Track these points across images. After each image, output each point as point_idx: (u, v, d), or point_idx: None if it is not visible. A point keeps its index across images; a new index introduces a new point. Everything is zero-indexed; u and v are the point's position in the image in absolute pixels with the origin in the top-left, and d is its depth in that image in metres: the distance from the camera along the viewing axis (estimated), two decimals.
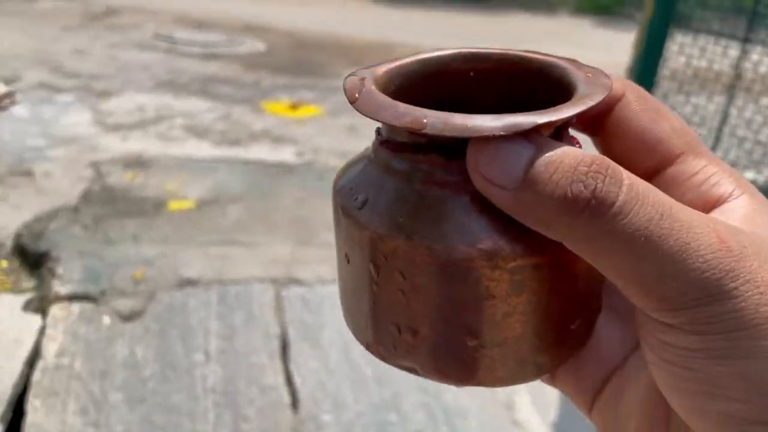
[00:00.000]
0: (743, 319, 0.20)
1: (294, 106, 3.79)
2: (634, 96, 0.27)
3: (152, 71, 4.25)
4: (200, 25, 5.79)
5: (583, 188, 0.21)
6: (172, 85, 3.96)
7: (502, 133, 0.21)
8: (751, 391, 0.20)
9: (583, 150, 0.23)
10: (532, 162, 0.22)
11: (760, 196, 0.25)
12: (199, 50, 4.93)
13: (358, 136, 3.39)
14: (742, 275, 0.20)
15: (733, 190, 0.25)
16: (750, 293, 0.20)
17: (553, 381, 0.30)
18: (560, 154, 0.22)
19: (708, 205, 0.25)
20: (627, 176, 0.21)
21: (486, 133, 0.22)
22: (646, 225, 0.20)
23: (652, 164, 0.26)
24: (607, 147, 0.27)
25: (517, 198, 0.22)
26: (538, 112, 0.22)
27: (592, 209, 0.21)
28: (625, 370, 0.28)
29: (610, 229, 0.20)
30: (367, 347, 0.27)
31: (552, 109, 0.23)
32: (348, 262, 0.26)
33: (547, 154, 0.22)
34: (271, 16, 6.52)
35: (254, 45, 5.31)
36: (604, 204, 0.20)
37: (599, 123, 0.27)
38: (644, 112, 0.26)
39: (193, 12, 6.25)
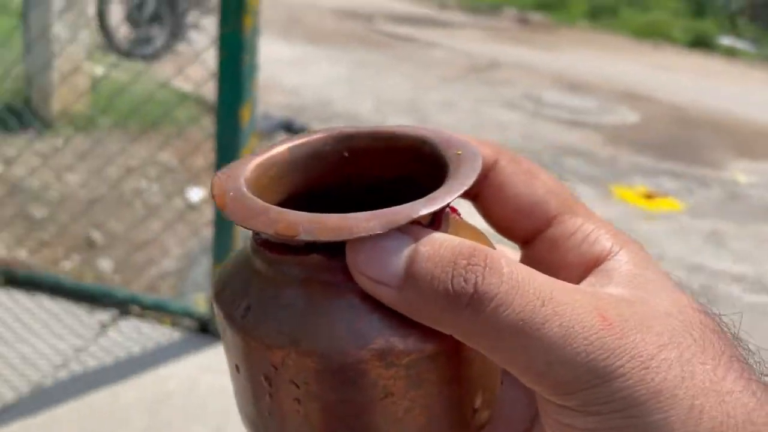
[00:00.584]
0: (633, 397, 0.20)
1: (649, 196, 3.29)
2: (506, 161, 0.27)
3: (507, 132, 4.16)
4: (575, 87, 5.56)
5: (464, 283, 0.21)
6: (522, 152, 3.79)
7: (379, 231, 0.22)
8: None
9: (462, 216, 0.26)
10: (412, 258, 0.22)
11: (639, 247, 0.26)
12: (564, 115, 4.70)
13: (720, 247, 2.76)
14: (626, 352, 0.21)
15: (612, 246, 0.25)
16: (635, 369, 0.21)
17: None
18: (440, 247, 0.22)
19: (589, 264, 0.25)
20: (506, 264, 0.21)
21: (363, 234, 0.22)
22: (529, 314, 0.21)
23: (531, 227, 0.27)
24: (486, 212, 0.28)
25: (402, 296, 0.22)
26: (411, 204, 0.23)
27: (474, 304, 0.21)
28: None
29: (494, 323, 0.21)
30: None
31: (425, 199, 0.23)
32: (238, 372, 0.25)
33: (427, 248, 0.22)
34: (656, 83, 5.97)
35: (625, 115, 4.89)
36: (485, 297, 0.21)
37: (476, 191, 0.27)
38: (517, 176, 0.27)
39: (573, 73, 6.05)
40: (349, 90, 4.69)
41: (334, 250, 0.23)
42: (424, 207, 0.23)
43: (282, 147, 0.28)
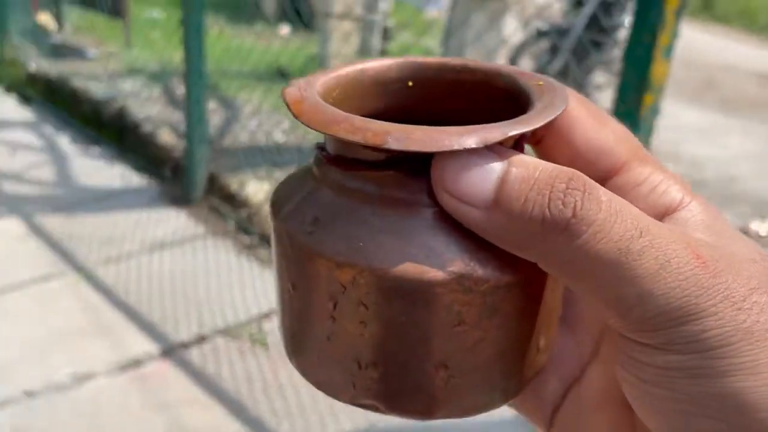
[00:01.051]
0: (722, 337, 0.20)
1: None
2: (575, 104, 0.26)
3: None
4: None
5: (562, 206, 0.20)
6: None
7: (473, 146, 0.20)
8: (729, 410, 0.20)
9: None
10: (504, 178, 0.21)
11: (708, 202, 0.25)
12: None
13: None
14: (719, 292, 0.20)
15: (683, 197, 0.25)
16: (727, 310, 0.20)
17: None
18: (534, 170, 0.21)
19: (659, 214, 0.24)
20: (604, 192, 0.21)
21: (454, 147, 0.20)
22: (626, 243, 0.20)
23: (597, 174, 0.25)
24: (549, 157, 0.26)
25: (489, 218, 0.21)
26: (502, 123, 0.21)
27: (572, 229, 0.20)
28: (584, 382, 0.28)
29: (590, 249, 0.20)
30: (319, 386, 0.25)
31: (515, 120, 0.22)
32: (294, 291, 0.24)
33: (520, 170, 0.21)
34: None
35: None
36: (584, 223, 0.20)
37: (541, 133, 0.26)
38: (586, 120, 0.26)
39: None
40: (758, 168, 4.13)
41: (416, 168, 0.22)
42: (521, 126, 0.21)
43: (347, 69, 0.27)
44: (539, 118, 0.22)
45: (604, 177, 0.26)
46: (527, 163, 0.21)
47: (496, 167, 0.21)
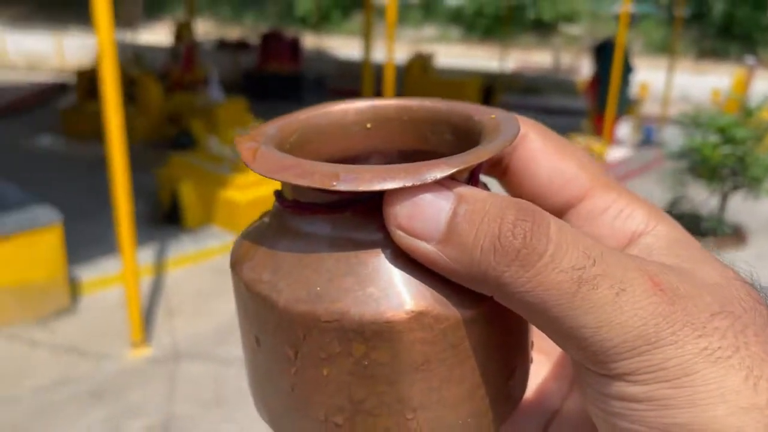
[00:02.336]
0: (685, 365, 0.19)
1: None
2: (538, 135, 0.26)
3: None
4: None
5: (512, 237, 0.20)
6: None
7: (418, 183, 0.20)
8: None
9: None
10: (455, 212, 0.21)
11: (676, 224, 0.25)
12: None
13: None
14: (679, 319, 0.20)
15: (648, 221, 0.25)
16: (688, 337, 0.19)
17: None
18: (484, 202, 0.21)
19: (624, 239, 0.24)
20: (554, 221, 0.20)
21: (402, 184, 0.20)
22: (579, 273, 0.19)
23: (562, 202, 0.26)
24: (515, 188, 0.27)
25: (442, 252, 0.21)
26: (450, 157, 0.21)
27: (522, 259, 0.20)
28: (563, 415, 0.27)
29: (543, 280, 0.19)
30: None
31: (464, 154, 0.22)
32: (258, 345, 0.24)
33: (470, 203, 0.21)
34: None
35: None
36: (535, 253, 0.20)
37: (505, 165, 0.27)
38: (548, 151, 0.26)
39: None
40: None
41: (368, 208, 0.22)
42: (465, 160, 0.21)
43: (305, 114, 0.27)
44: (486, 152, 0.22)
45: (569, 205, 0.26)
46: (477, 196, 0.21)
47: (447, 202, 0.21)
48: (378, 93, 8.38)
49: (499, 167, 0.27)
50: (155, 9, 20.35)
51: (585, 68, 13.52)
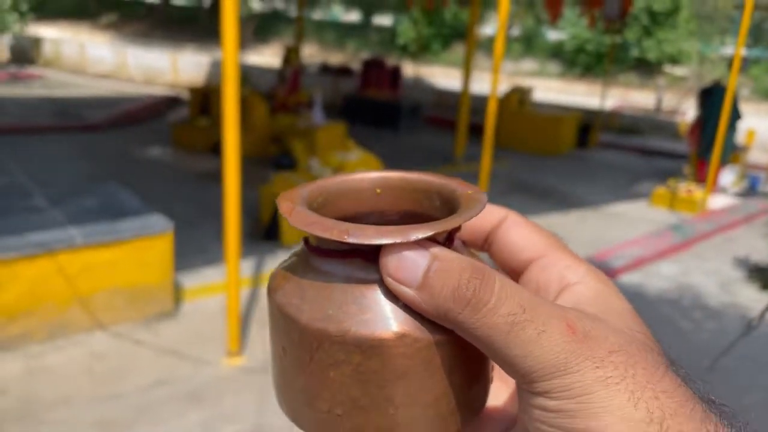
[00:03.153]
0: (585, 387, 0.26)
1: None
2: (513, 216, 0.36)
3: None
4: None
5: (465, 290, 0.27)
6: None
7: (405, 240, 0.28)
8: None
9: (469, 248, 0.35)
10: (429, 267, 0.28)
11: (606, 280, 0.33)
12: None
13: None
14: (583, 353, 0.27)
15: (584, 276, 0.33)
16: (589, 367, 0.27)
17: None
18: (450, 262, 0.28)
19: (564, 285, 0.33)
20: (499, 280, 0.28)
21: (393, 241, 0.28)
22: (512, 318, 0.27)
23: (527, 258, 0.35)
24: (496, 253, 0.36)
25: (418, 296, 0.28)
26: (431, 223, 0.29)
27: (472, 306, 0.27)
28: (518, 424, 0.33)
29: (486, 321, 0.27)
30: (303, 428, 0.32)
31: (441, 221, 0.29)
32: (284, 353, 0.31)
33: (441, 262, 0.28)
34: None
35: None
36: (481, 301, 0.27)
37: (490, 240, 0.36)
38: (520, 225, 0.36)
39: None
40: None
41: (371, 256, 0.29)
42: (440, 227, 0.29)
43: (329, 181, 0.35)
44: (457, 221, 0.29)
45: (531, 260, 0.35)
46: (446, 257, 0.29)
47: (424, 259, 0.28)
48: (473, 124, 8.37)
49: (486, 243, 0.37)
50: (264, 32, 21.21)
51: (689, 111, 13.05)
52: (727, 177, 7.63)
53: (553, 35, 19.89)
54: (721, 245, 5.77)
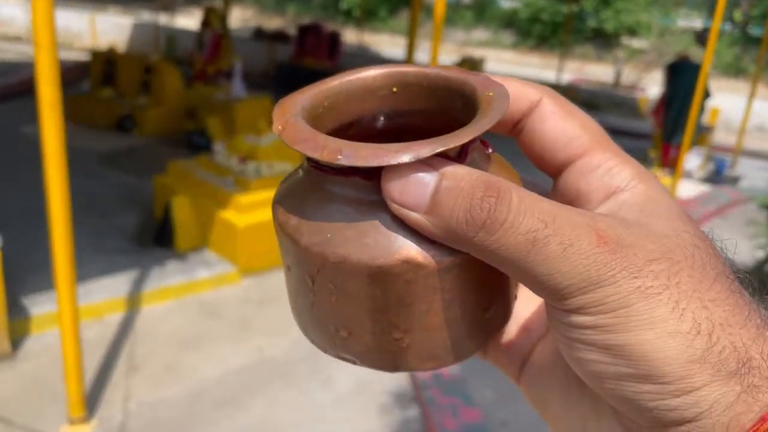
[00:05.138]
0: (622, 300, 0.24)
1: None
2: (549, 100, 0.30)
3: None
4: None
5: (479, 210, 0.25)
6: None
7: (405, 161, 0.25)
8: (633, 357, 0.24)
9: (492, 150, 0.30)
10: (437, 188, 0.25)
11: (657, 184, 0.29)
12: None
13: None
14: (618, 264, 0.24)
15: (631, 180, 0.28)
16: (625, 278, 0.24)
17: (484, 357, 0.35)
18: (459, 181, 0.25)
19: (608, 193, 0.28)
20: (516, 194, 0.25)
21: (391, 162, 0.25)
22: (533, 235, 0.24)
23: (564, 158, 0.30)
24: (526, 146, 0.31)
25: (426, 219, 0.25)
26: (438, 138, 0.25)
27: (488, 227, 0.24)
28: (546, 340, 0.33)
29: (505, 242, 0.24)
30: (313, 342, 0.31)
31: (450, 135, 0.26)
32: (290, 270, 0.30)
33: (450, 181, 0.25)
34: None
35: None
36: (497, 221, 0.24)
37: (521, 126, 0.31)
38: (557, 114, 0.30)
39: None
40: None
41: (372, 174, 0.26)
42: (447, 142, 0.25)
43: (336, 81, 0.32)
44: (468, 134, 0.26)
45: (570, 161, 0.30)
46: (456, 174, 0.25)
47: (431, 179, 0.25)
48: None
49: (515, 129, 0.31)
50: None
51: (649, 86, 12.40)
52: (693, 161, 6.98)
53: (506, 3, 19.11)
54: None
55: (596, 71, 14.61)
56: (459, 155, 0.27)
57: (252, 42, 11.89)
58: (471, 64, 9.11)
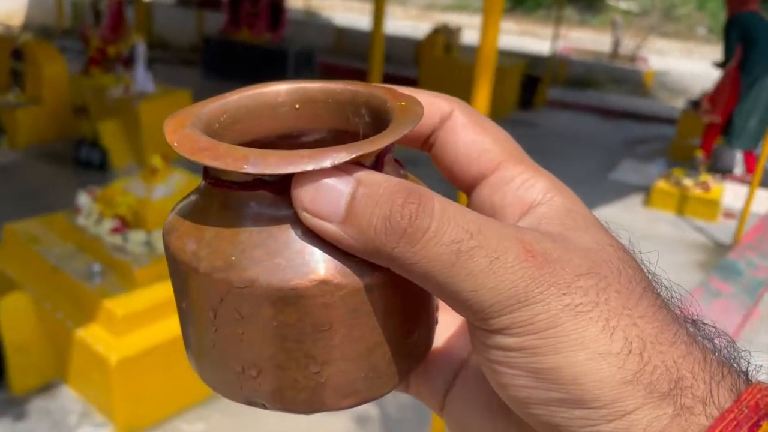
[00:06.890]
0: (551, 319, 0.22)
1: None
2: (460, 112, 0.29)
3: None
4: None
5: (399, 218, 0.23)
6: None
7: (318, 167, 0.23)
8: (564, 381, 0.23)
9: (405, 168, 0.28)
10: (353, 196, 0.24)
11: (572, 196, 0.28)
12: None
13: None
14: (546, 280, 0.23)
15: (546, 193, 0.27)
16: (554, 295, 0.23)
17: (407, 389, 0.33)
18: (377, 187, 0.24)
19: (524, 207, 0.27)
20: (438, 202, 0.23)
21: (304, 169, 0.23)
22: (457, 246, 0.23)
23: (477, 172, 0.29)
24: (438, 159, 0.30)
25: (343, 231, 0.24)
26: (351, 145, 0.24)
27: (409, 236, 0.23)
28: (469, 365, 0.31)
29: (426, 253, 0.23)
30: (215, 389, 0.27)
31: (364, 141, 0.24)
32: (185, 305, 0.27)
33: (367, 188, 0.24)
34: None
35: None
36: (419, 230, 0.23)
37: (432, 140, 0.30)
38: (468, 126, 0.29)
39: None
40: None
41: (280, 187, 0.24)
42: (366, 147, 0.24)
43: (234, 95, 0.29)
44: (384, 140, 0.24)
45: (483, 175, 0.29)
46: (373, 181, 0.24)
47: (347, 186, 0.24)
48: (385, 75, 5.95)
49: (426, 143, 0.30)
50: None
51: (651, 57, 10.87)
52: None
53: None
54: None
55: (582, 38, 12.94)
56: (374, 165, 0.26)
57: (173, 10, 9.94)
58: (447, 35, 7.44)
